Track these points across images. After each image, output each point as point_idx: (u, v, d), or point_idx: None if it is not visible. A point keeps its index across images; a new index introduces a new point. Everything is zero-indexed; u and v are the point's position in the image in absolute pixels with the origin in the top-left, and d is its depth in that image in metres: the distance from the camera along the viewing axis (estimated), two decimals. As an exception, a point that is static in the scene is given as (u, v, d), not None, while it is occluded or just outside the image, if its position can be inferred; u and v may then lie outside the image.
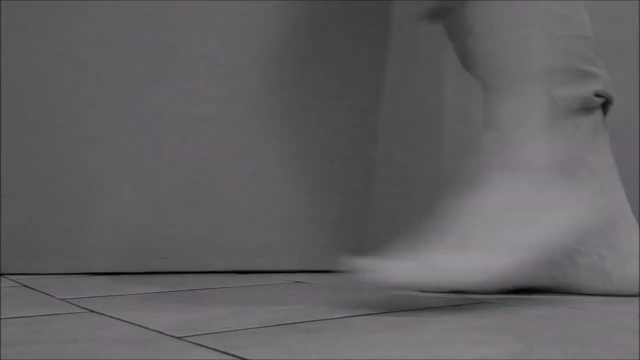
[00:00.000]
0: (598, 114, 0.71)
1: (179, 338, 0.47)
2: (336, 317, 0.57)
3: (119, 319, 0.56)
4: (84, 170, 0.99)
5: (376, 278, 0.56)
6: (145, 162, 1.00)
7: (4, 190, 0.97)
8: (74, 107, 0.99)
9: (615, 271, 0.67)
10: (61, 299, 0.69)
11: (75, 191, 0.99)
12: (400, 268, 0.55)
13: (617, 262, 0.68)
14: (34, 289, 0.79)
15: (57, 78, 0.98)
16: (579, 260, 0.68)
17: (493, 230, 0.58)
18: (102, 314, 0.59)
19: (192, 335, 0.48)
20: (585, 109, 0.70)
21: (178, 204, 1.00)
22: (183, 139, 1.00)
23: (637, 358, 0.40)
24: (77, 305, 0.64)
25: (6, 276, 0.95)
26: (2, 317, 0.58)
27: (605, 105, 0.73)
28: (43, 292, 0.75)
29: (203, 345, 0.44)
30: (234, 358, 0.41)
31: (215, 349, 0.43)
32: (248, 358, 0.40)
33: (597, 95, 0.70)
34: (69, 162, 0.99)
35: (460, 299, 0.68)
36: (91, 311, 0.61)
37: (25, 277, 0.93)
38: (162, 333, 0.49)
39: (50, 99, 0.98)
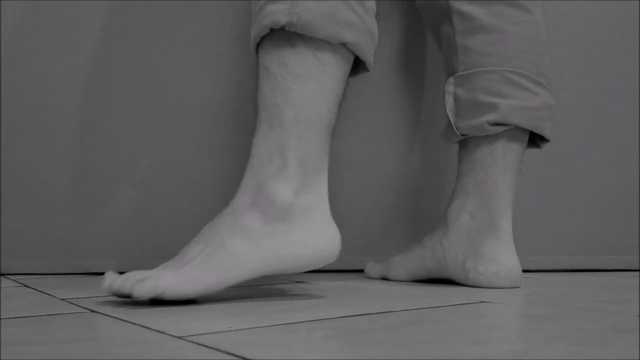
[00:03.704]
0: None
1: (180, 337, 0.47)
2: (336, 317, 0.57)
3: (119, 319, 0.56)
4: (84, 170, 0.99)
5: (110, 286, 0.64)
6: (145, 162, 1.00)
7: (4, 190, 0.97)
8: (74, 107, 0.99)
9: (471, 269, 0.81)
10: (62, 299, 0.69)
11: (75, 191, 0.99)
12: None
13: (474, 261, 0.80)
14: (34, 289, 0.79)
15: (57, 78, 0.98)
16: (448, 257, 0.83)
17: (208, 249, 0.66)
18: (103, 314, 0.59)
19: (193, 335, 0.48)
20: None
21: (178, 204, 1.00)
22: (184, 139, 1.00)
23: (637, 358, 0.40)
24: (77, 305, 0.64)
25: (6, 276, 0.95)
26: (2, 317, 0.58)
27: None
28: (43, 292, 0.75)
29: (203, 345, 0.44)
30: (234, 358, 0.41)
31: (215, 349, 0.43)
32: (248, 358, 0.41)
33: None
34: (69, 162, 0.99)
35: (460, 299, 0.68)
36: (92, 311, 0.61)
37: (26, 277, 0.93)
38: (162, 333, 0.49)
39: (50, 99, 0.98)
